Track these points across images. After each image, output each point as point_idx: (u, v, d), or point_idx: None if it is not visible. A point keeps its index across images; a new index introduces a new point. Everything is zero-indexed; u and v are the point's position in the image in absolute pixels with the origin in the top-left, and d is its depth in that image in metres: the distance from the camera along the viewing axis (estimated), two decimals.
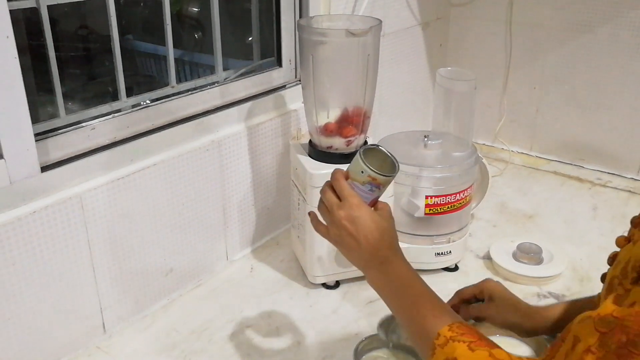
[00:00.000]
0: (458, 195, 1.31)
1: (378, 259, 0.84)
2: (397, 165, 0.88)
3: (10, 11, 0.91)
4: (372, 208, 0.87)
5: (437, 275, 1.36)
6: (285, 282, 1.35)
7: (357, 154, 0.87)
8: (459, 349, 0.71)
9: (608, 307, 0.60)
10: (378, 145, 0.90)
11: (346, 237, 0.85)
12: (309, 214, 0.93)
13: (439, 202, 1.30)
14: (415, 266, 1.33)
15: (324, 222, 0.90)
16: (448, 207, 1.32)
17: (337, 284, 1.33)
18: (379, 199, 0.90)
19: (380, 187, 0.87)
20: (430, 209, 1.31)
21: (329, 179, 0.89)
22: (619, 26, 1.65)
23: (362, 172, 0.86)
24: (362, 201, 0.85)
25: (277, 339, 1.17)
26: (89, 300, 1.13)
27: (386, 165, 0.88)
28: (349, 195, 0.85)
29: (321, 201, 0.89)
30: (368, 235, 0.83)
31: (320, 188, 0.90)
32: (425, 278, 1.32)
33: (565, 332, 0.64)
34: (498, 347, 0.72)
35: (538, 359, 0.64)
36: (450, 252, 1.35)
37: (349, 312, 1.25)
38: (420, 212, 1.31)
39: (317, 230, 0.91)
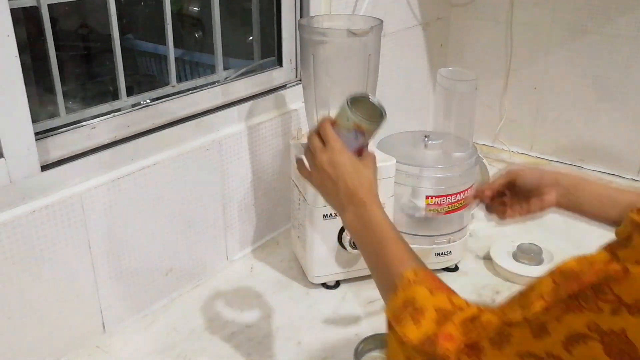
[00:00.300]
0: (458, 195, 1.31)
1: (354, 203, 0.85)
2: (383, 113, 0.88)
3: (11, 10, 0.91)
4: (357, 155, 0.89)
5: (438, 276, 1.35)
6: (285, 282, 1.35)
7: (344, 101, 0.88)
8: (419, 292, 0.73)
9: (570, 262, 0.59)
10: (366, 94, 0.91)
11: (326, 180, 0.87)
12: (297, 160, 0.94)
13: (439, 202, 1.30)
14: None
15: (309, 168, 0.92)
16: (449, 207, 1.31)
17: (337, 284, 1.33)
18: (366, 148, 0.91)
19: (365, 134, 0.88)
20: (430, 209, 1.31)
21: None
22: (619, 26, 1.65)
23: (348, 119, 0.87)
24: (345, 147, 0.87)
25: (277, 339, 1.17)
26: (89, 300, 1.13)
27: (374, 115, 0.89)
28: (333, 140, 0.87)
29: (307, 146, 0.91)
30: (347, 180, 0.85)
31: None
32: None
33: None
34: (457, 294, 0.73)
35: (502, 303, 0.64)
36: (450, 252, 1.35)
37: (349, 312, 1.25)
38: (420, 213, 1.31)
39: (300, 173, 0.94)
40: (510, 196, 1.05)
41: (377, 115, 0.89)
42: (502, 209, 1.05)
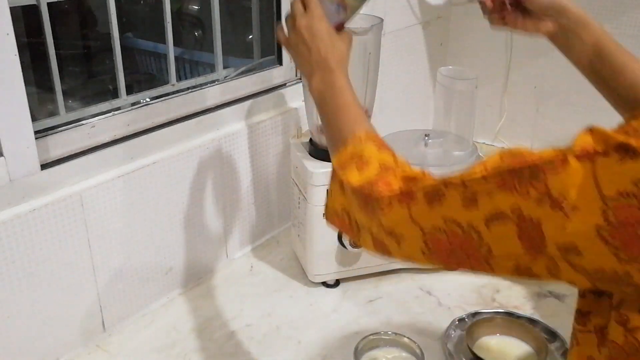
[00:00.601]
0: None
1: (323, 69, 0.87)
2: None
3: (10, 8, 0.91)
4: (336, 30, 0.91)
5: (437, 274, 1.35)
6: (285, 280, 1.35)
7: None
8: (367, 147, 0.77)
9: (522, 147, 0.61)
10: None
11: (301, 44, 0.89)
12: (278, 28, 0.95)
13: None
14: (415, 264, 1.34)
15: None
16: None
17: (337, 283, 1.32)
18: (346, 26, 0.93)
19: (346, 9, 0.91)
20: None
21: None
22: (621, 25, 1.65)
23: None
24: (324, 16, 0.89)
25: (277, 338, 1.17)
26: (89, 299, 1.13)
27: None
28: (314, 7, 0.89)
29: (290, 12, 0.92)
30: (320, 46, 0.87)
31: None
32: (425, 276, 1.33)
33: None
34: (403, 159, 0.77)
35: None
36: None
37: (349, 311, 1.25)
38: None
39: (278, 36, 0.95)
40: (513, 6, 1.03)
41: None
42: (499, 15, 1.05)
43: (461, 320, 1.17)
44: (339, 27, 0.92)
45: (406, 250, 0.69)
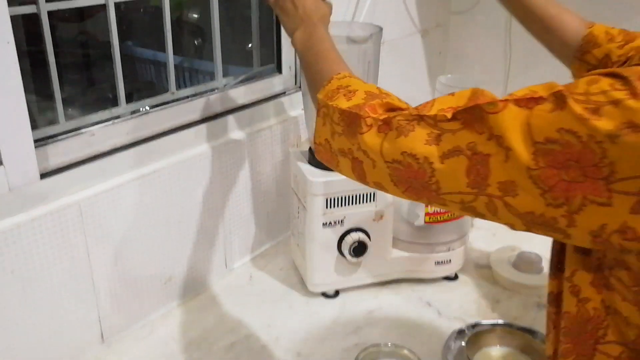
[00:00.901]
0: None
1: (306, 23, 0.97)
2: None
3: (10, 17, 0.91)
4: None
5: (437, 285, 1.35)
6: (284, 290, 1.34)
7: None
8: (353, 80, 0.83)
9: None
10: None
11: (288, 1, 0.99)
12: None
13: (439, 211, 1.30)
14: (414, 275, 1.34)
15: None
16: (448, 216, 1.31)
17: (336, 293, 1.32)
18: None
19: None
20: (430, 217, 1.30)
21: None
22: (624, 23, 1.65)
23: None
24: None
25: (276, 349, 1.16)
26: (88, 309, 1.12)
27: None
28: None
29: None
30: (306, 5, 0.97)
31: None
32: (425, 287, 1.33)
33: None
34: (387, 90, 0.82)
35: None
36: (450, 260, 1.35)
37: (349, 322, 1.24)
38: (420, 221, 1.31)
39: None
40: None
41: None
42: None
43: (461, 331, 1.16)
44: None
45: (379, 174, 0.73)
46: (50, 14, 1.03)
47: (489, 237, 1.52)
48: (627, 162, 0.54)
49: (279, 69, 1.47)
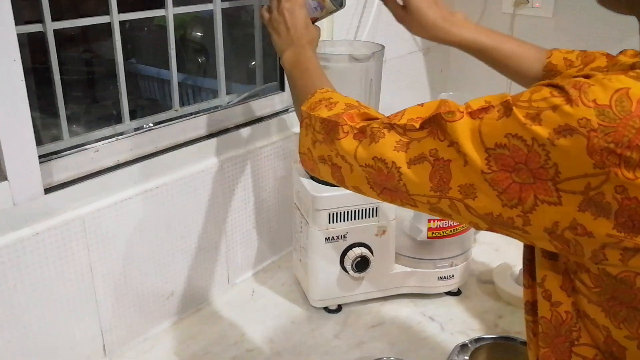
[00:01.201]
0: None
1: (296, 46, 1.03)
2: (343, 3, 1.10)
3: (17, 35, 0.92)
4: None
5: (440, 300, 1.35)
6: (286, 305, 1.34)
7: None
8: (335, 94, 0.88)
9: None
10: None
11: (281, 23, 1.04)
12: (260, 7, 1.11)
13: (441, 226, 1.30)
14: (417, 290, 1.34)
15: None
16: (450, 231, 1.32)
17: (339, 308, 1.32)
18: (318, 24, 1.10)
19: (323, 9, 1.08)
20: (432, 233, 1.31)
21: None
22: (622, 49, 1.66)
23: None
24: (305, 6, 1.06)
25: None
26: (90, 323, 1.13)
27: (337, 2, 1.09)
28: None
29: None
30: (297, 27, 1.04)
31: None
32: (428, 302, 1.33)
33: None
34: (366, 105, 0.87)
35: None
36: (452, 276, 1.35)
37: (351, 337, 1.24)
38: (422, 236, 1.31)
39: (262, 15, 1.09)
40: None
41: (339, 2, 1.09)
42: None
43: (464, 345, 1.16)
44: (313, 21, 1.08)
45: (357, 178, 0.78)
46: (56, 32, 1.05)
47: (491, 252, 1.53)
48: (568, 163, 0.58)
49: (281, 87, 1.48)
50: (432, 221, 1.30)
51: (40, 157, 1.01)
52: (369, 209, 1.25)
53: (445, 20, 1.08)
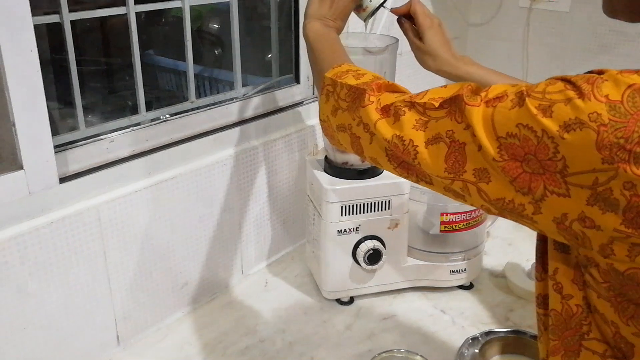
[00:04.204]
0: (473, 212, 1.31)
1: (328, 21, 1.03)
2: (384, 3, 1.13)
3: (35, 26, 0.93)
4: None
5: (452, 293, 1.35)
6: (299, 297, 1.35)
7: None
8: (363, 69, 0.88)
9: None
10: None
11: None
12: None
13: (454, 220, 1.30)
14: (429, 283, 1.35)
15: None
16: (463, 225, 1.31)
17: (351, 300, 1.33)
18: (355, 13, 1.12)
19: (363, 11, 1.12)
20: (445, 226, 1.31)
21: None
22: (636, 47, 1.65)
23: None
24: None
25: (290, 354, 1.17)
26: (104, 312, 1.14)
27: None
28: None
29: None
30: (339, 8, 1.04)
31: None
32: (440, 295, 1.33)
33: None
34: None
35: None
36: (465, 269, 1.35)
37: (363, 329, 1.25)
38: (435, 230, 1.31)
39: None
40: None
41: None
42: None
43: (474, 339, 1.16)
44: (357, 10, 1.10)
45: (375, 150, 0.79)
46: (73, 23, 1.06)
47: (504, 246, 1.52)
48: (577, 157, 0.58)
49: (297, 79, 1.48)
50: (444, 215, 1.30)
51: (55, 147, 1.02)
52: (382, 202, 1.25)
53: (455, 59, 1.13)
